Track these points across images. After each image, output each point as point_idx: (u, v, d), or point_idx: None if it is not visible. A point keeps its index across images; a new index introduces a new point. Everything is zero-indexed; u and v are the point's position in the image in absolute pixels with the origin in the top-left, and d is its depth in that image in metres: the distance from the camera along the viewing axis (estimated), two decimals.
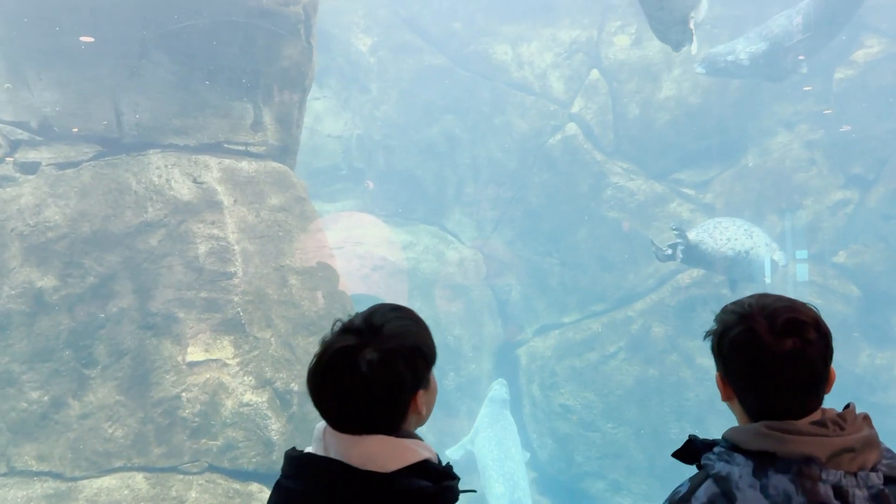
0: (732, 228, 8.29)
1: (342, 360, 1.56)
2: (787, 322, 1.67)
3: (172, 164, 5.63)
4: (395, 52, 10.93)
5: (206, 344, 5.31)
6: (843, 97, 8.63)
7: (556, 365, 10.10)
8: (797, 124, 9.12)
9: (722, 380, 1.89)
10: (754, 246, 8.24)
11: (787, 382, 1.66)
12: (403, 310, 1.73)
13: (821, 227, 8.82)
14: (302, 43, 6.11)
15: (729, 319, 1.86)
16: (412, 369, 1.59)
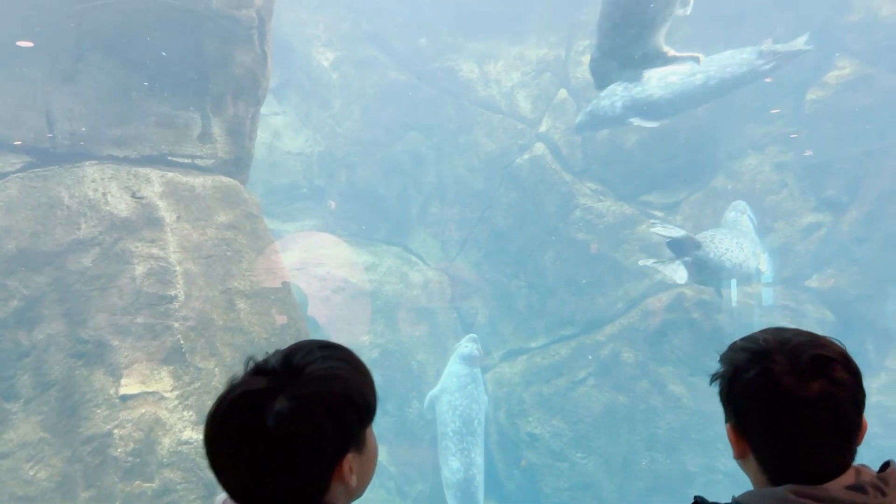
0: (726, 241, 8.00)
1: (244, 411, 1.18)
2: (812, 360, 1.42)
3: (110, 177, 5.16)
4: (358, 67, 10.59)
5: (142, 375, 4.83)
6: (816, 119, 8.52)
7: (524, 391, 9.75)
8: (767, 146, 8.98)
9: (734, 432, 1.59)
10: (745, 259, 7.99)
11: (815, 434, 1.40)
12: (336, 348, 1.35)
13: (793, 250, 8.65)
14: (255, 49, 5.72)
15: (741, 359, 1.55)
16: (338, 424, 1.21)
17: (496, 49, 10.56)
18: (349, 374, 1.34)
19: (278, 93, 10.66)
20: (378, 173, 10.54)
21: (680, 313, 9.10)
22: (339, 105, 10.62)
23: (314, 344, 1.39)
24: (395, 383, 9.90)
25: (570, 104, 10.03)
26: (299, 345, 1.40)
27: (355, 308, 10.27)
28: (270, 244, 5.74)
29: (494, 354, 10.13)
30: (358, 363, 1.40)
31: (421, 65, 10.55)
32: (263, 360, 1.34)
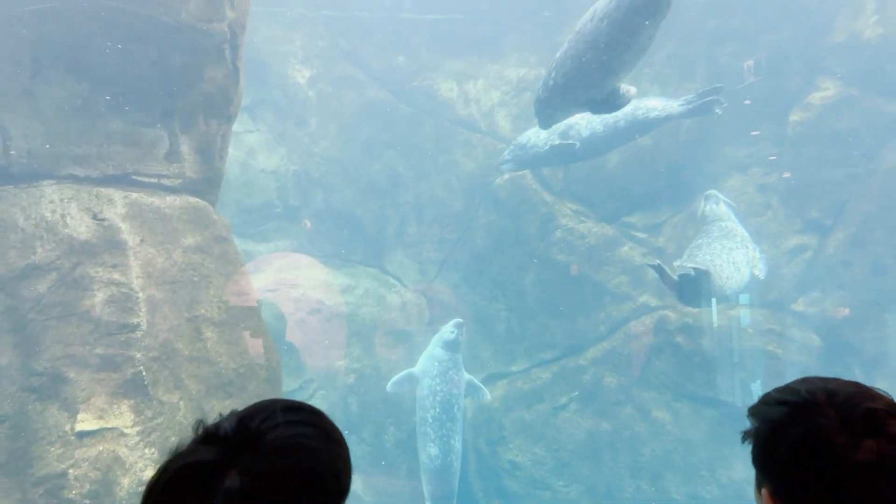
0: (721, 259, 7.76)
1: (188, 488, 0.94)
2: (867, 415, 1.24)
3: (69, 198, 4.85)
4: (335, 85, 10.37)
5: (100, 410, 4.50)
6: (799, 141, 8.45)
7: (504, 417, 9.50)
8: (751, 167, 8.89)
9: (771, 500, 1.34)
10: (742, 277, 7.82)
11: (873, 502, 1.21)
12: (304, 411, 1.11)
13: (778, 273, 8.53)
14: (227, 65, 5.46)
15: (780, 414, 1.34)
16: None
17: (476, 68, 10.42)
18: (319, 445, 1.10)
19: (253, 110, 10.40)
20: (355, 193, 10.30)
21: (663, 337, 8.93)
22: (315, 123, 10.38)
23: (277, 405, 1.15)
24: (371, 409, 9.60)
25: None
26: (260, 405, 1.16)
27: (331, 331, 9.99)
28: (240, 268, 5.45)
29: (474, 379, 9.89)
30: (330, 430, 1.16)
31: (399, 83, 10.37)
32: (215, 425, 1.09)
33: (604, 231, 9.47)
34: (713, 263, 7.54)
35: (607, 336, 9.30)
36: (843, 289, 8.21)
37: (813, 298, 8.47)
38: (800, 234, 8.60)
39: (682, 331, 8.70)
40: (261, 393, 5.24)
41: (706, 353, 8.66)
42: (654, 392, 8.94)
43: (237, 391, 5.07)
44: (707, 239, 8.02)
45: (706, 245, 7.89)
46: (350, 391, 9.61)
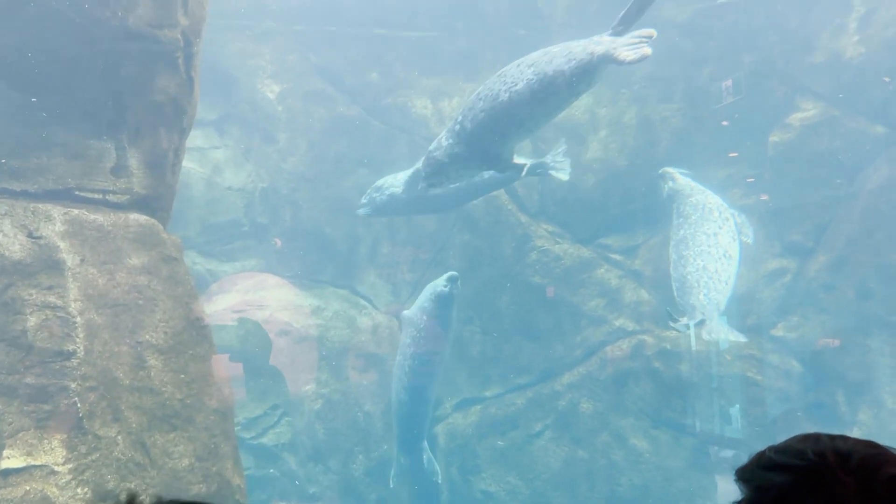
0: (712, 262, 7.47)
1: None
2: (890, 484, 1.06)
3: (3, 214, 4.49)
4: (305, 100, 10.08)
5: (28, 445, 4.11)
6: (779, 162, 8.30)
7: (478, 445, 9.19)
8: (730, 189, 8.70)
9: None
10: (733, 272, 7.48)
11: None
12: None
13: (757, 297, 8.34)
14: (180, 75, 5.15)
15: (785, 482, 1.11)
16: None
17: (450, 86, 10.19)
18: None
19: (219, 126, 10.09)
20: (325, 211, 9.99)
21: (640, 362, 8.69)
22: (284, 139, 10.07)
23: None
24: (339, 437, 9.24)
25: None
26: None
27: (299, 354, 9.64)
28: (190, 291, 5.10)
29: (447, 404, 9.57)
30: None
31: (372, 100, 10.11)
32: None
33: (580, 253, 9.25)
34: (709, 284, 7.29)
35: (583, 360, 9.05)
36: (825, 313, 8.01)
37: (793, 323, 8.27)
38: (780, 257, 8.42)
39: (660, 356, 8.46)
40: (209, 425, 4.88)
41: (684, 379, 8.43)
42: (632, 419, 8.68)
43: (183, 423, 4.70)
44: (689, 229, 7.73)
45: (692, 242, 7.58)
46: (317, 417, 9.25)
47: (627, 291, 9.00)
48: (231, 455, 5.07)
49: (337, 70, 10.16)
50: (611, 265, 9.21)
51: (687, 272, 7.42)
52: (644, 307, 8.83)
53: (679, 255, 7.63)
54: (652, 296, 8.89)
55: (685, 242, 7.63)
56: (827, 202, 8.15)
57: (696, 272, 7.42)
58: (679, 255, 7.63)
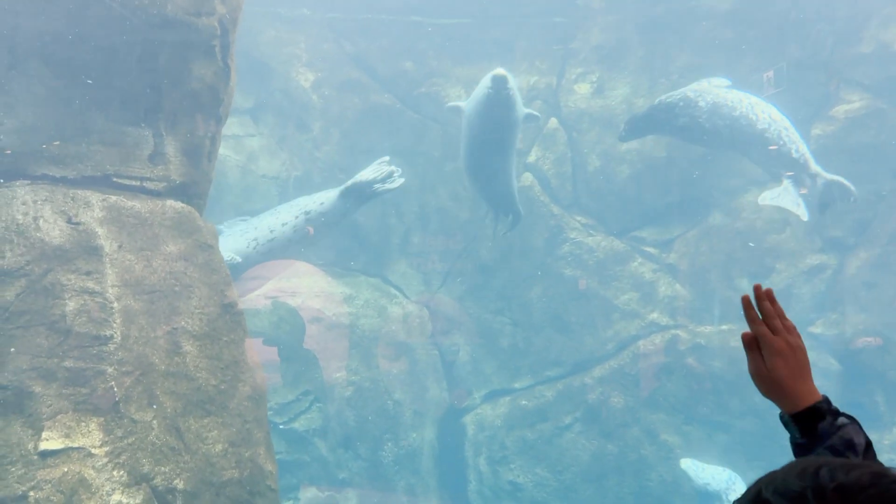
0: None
1: None
2: None
3: (43, 200, 4.56)
4: (339, 89, 10.07)
5: (66, 427, 4.19)
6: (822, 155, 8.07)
7: (506, 436, 9.16)
8: (768, 183, 8.52)
9: None
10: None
11: None
12: None
13: (795, 293, 8.16)
14: (217, 62, 5.17)
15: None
16: None
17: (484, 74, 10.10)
18: None
19: (255, 114, 10.14)
20: None
21: (674, 357, 8.58)
22: (318, 128, 10.08)
23: None
24: (368, 424, 9.28)
25: (561, 134, 9.57)
26: None
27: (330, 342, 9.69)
28: (225, 278, 5.14)
29: (476, 395, 9.57)
30: None
31: (406, 89, 10.07)
32: None
33: (613, 245, 9.15)
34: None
35: (615, 354, 8.97)
36: (866, 311, 7.82)
37: (832, 321, 8.09)
38: (819, 252, 8.22)
39: (694, 352, 8.34)
40: (243, 411, 4.93)
41: (718, 376, 8.29)
42: (663, 414, 8.58)
43: (217, 409, 4.75)
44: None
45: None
46: (347, 404, 9.29)
47: (662, 285, 8.88)
48: (264, 441, 5.12)
49: (371, 59, 10.14)
50: (645, 258, 9.10)
51: None
52: (679, 302, 8.70)
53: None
54: (687, 290, 8.76)
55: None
56: (870, 197, 7.92)
57: None
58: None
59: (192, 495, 4.40)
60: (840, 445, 1.64)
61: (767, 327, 1.79)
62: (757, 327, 1.81)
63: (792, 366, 1.75)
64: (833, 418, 1.68)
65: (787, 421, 1.74)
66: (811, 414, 1.67)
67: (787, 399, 1.73)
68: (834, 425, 1.66)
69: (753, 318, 1.82)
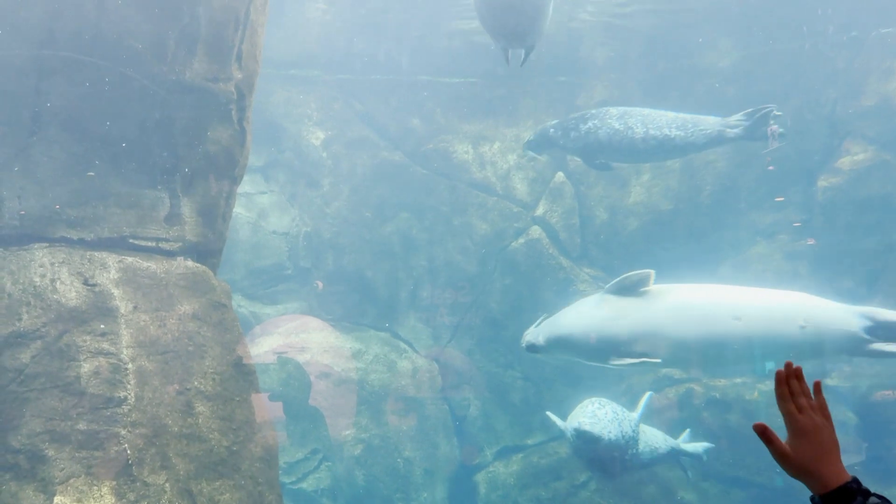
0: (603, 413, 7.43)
1: None
2: None
3: (61, 262, 4.61)
4: (348, 146, 10.24)
5: (79, 491, 4.14)
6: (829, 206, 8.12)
7: (519, 496, 8.99)
8: (777, 234, 8.55)
9: None
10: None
11: None
12: None
13: None
14: (233, 126, 5.28)
15: None
16: None
17: (491, 131, 10.26)
18: None
19: (266, 172, 10.29)
20: (366, 255, 10.05)
21: (688, 411, 8.47)
22: (328, 184, 10.22)
23: None
24: (378, 483, 9.13)
25: (568, 188, 9.66)
26: None
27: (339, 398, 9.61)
28: (237, 336, 5.15)
29: (487, 452, 9.43)
30: None
31: (414, 145, 10.23)
32: None
33: None
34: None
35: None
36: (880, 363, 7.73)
37: (847, 373, 8.00)
38: None
39: (709, 406, 8.25)
40: (255, 473, 4.87)
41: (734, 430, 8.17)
42: (679, 471, 8.42)
43: (230, 471, 4.70)
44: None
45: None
46: (357, 463, 9.17)
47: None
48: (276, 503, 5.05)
49: (379, 117, 10.33)
50: None
51: None
52: None
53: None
54: None
55: None
56: (881, 248, 7.93)
57: None
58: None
59: None
60: None
61: (795, 405, 1.79)
62: (785, 405, 1.81)
63: (817, 446, 1.75)
64: (864, 499, 1.66)
65: (817, 503, 1.71)
66: (841, 495, 1.66)
67: (816, 480, 1.72)
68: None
69: (783, 395, 1.83)
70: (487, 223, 9.84)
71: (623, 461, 7.33)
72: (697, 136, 7.55)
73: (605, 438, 7.15)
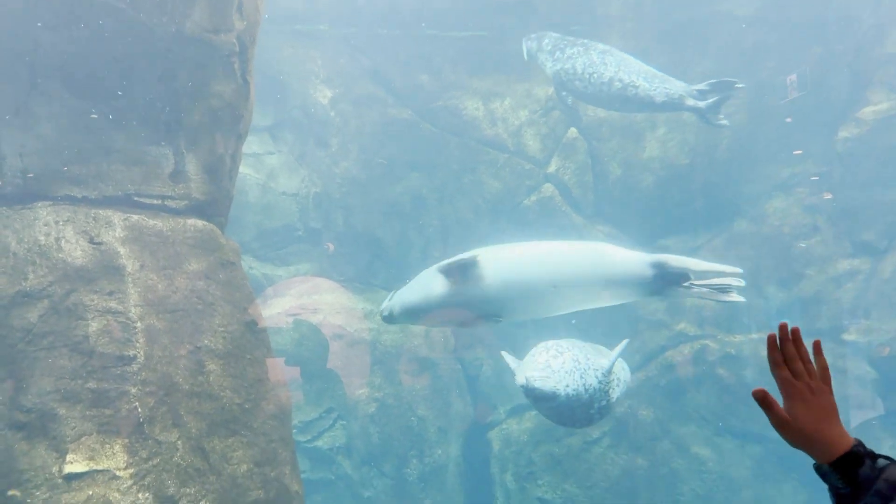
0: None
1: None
2: None
3: (65, 221, 4.54)
4: (356, 104, 10.06)
5: (90, 450, 4.13)
6: (849, 158, 7.91)
7: (533, 452, 9.00)
8: (795, 187, 8.36)
9: None
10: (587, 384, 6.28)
11: None
12: None
13: (826, 299, 7.96)
14: (236, 80, 5.14)
15: None
16: None
17: (502, 86, 10.04)
18: None
19: (273, 131, 10.15)
20: (377, 215, 9.94)
21: (703, 368, 8.40)
22: (336, 144, 10.06)
23: None
24: (393, 441, 9.17)
25: (581, 143, 9.47)
26: None
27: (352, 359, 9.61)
28: (247, 295, 5.08)
29: (500, 410, 9.43)
30: None
31: (423, 102, 10.03)
32: None
33: None
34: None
35: (642, 366, 8.80)
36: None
37: (865, 327, 7.88)
38: (851, 257, 8.03)
39: (724, 362, 8.16)
40: (267, 430, 4.85)
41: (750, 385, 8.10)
42: (694, 426, 8.40)
43: (242, 428, 4.68)
44: None
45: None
46: (371, 421, 9.20)
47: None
48: (289, 461, 5.03)
49: (387, 73, 10.12)
50: None
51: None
52: (706, 311, 8.53)
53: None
54: None
55: None
56: None
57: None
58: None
59: None
60: (887, 490, 1.54)
61: (789, 370, 1.69)
62: (779, 371, 1.72)
63: (815, 411, 1.65)
64: (872, 461, 1.57)
65: (825, 471, 1.64)
66: (849, 460, 1.56)
67: (818, 447, 1.63)
68: (875, 468, 1.56)
69: (777, 360, 1.73)
70: (499, 181, 9.69)
71: (588, 416, 6.19)
72: (658, 92, 7.68)
73: (562, 394, 5.84)
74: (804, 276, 8.08)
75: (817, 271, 8.01)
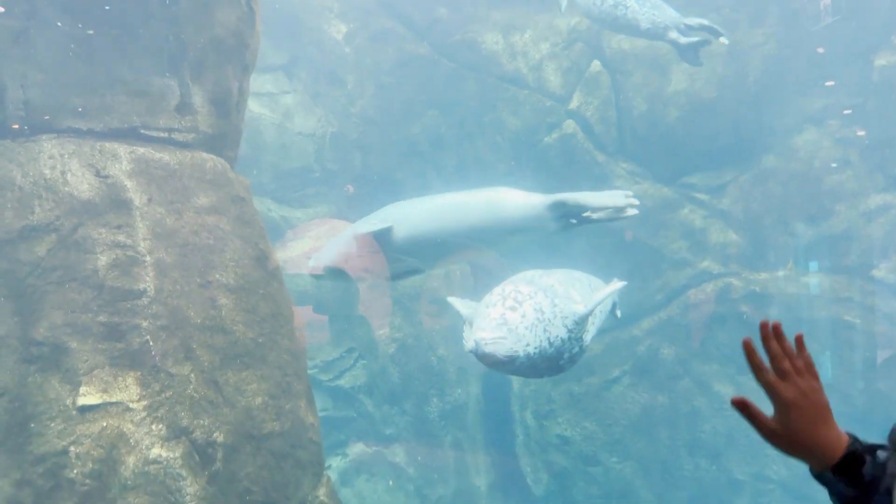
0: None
1: None
2: None
3: (70, 154, 4.46)
4: (372, 40, 9.80)
5: (103, 382, 4.13)
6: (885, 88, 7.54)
7: (553, 390, 8.99)
8: (826, 120, 8.02)
9: None
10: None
11: None
12: None
13: (856, 236, 7.72)
14: (241, 6, 4.96)
15: None
16: None
17: (522, 18, 9.69)
18: None
19: (288, 70, 9.94)
20: (394, 155, 9.78)
21: (726, 306, 8.25)
22: (352, 82, 9.85)
23: None
24: (413, 380, 9.21)
25: (605, 77, 9.16)
26: None
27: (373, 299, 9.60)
28: (259, 231, 5.01)
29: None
30: None
31: (441, 37, 9.73)
32: None
33: (661, 193, 8.78)
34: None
35: (664, 305, 8.67)
36: None
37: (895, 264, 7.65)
38: (883, 192, 7.74)
39: (748, 299, 8.00)
40: (282, 364, 4.83)
41: None
42: (716, 365, 8.29)
43: (256, 362, 4.66)
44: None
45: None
46: (391, 361, 9.23)
47: (713, 232, 8.51)
48: (304, 394, 5.03)
49: (404, 7, 9.81)
50: (695, 205, 8.71)
51: None
52: (731, 249, 8.34)
53: None
54: (740, 237, 8.38)
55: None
56: None
57: None
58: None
59: (233, 448, 4.34)
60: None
61: (776, 371, 1.53)
62: (763, 376, 1.56)
63: (808, 414, 1.51)
64: (871, 457, 1.46)
65: (829, 480, 1.53)
66: (849, 462, 1.41)
67: (815, 453, 1.48)
68: (877, 464, 1.46)
69: (758, 365, 1.57)
70: (519, 118, 9.44)
71: (557, 367, 5.17)
72: (645, 18, 7.42)
73: (521, 354, 4.70)
74: (834, 212, 7.83)
75: (848, 207, 7.75)
